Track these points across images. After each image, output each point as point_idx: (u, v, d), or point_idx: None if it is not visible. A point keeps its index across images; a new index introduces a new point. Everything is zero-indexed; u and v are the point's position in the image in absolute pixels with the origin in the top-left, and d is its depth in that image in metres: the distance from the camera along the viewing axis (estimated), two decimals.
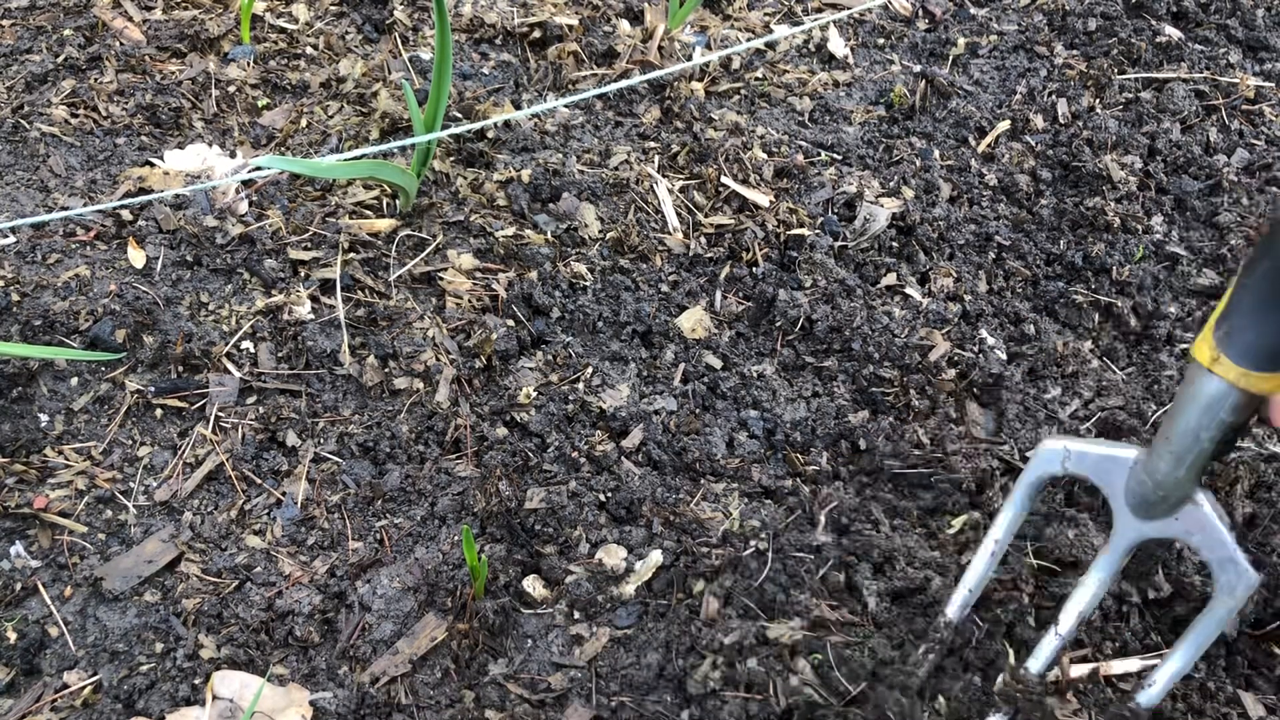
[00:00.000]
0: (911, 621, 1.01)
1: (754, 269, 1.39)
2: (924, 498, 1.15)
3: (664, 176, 1.49)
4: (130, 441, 1.15)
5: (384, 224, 1.37)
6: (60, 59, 1.56)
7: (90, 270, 1.28)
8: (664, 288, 1.35)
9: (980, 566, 0.94)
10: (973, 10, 1.93)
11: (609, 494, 1.11)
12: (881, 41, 1.86)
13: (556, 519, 1.09)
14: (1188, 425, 0.75)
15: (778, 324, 1.31)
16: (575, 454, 1.14)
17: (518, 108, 1.58)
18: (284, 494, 1.13)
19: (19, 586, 1.03)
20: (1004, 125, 1.67)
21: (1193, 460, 0.77)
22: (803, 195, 1.51)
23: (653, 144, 1.55)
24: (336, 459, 1.16)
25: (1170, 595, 1.03)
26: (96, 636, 1.00)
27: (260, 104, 1.58)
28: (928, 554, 1.07)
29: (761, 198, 1.47)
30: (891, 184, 1.53)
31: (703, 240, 1.42)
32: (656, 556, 1.06)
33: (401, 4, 1.75)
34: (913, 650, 0.96)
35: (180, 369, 1.21)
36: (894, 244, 1.44)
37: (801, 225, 1.45)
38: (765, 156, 1.55)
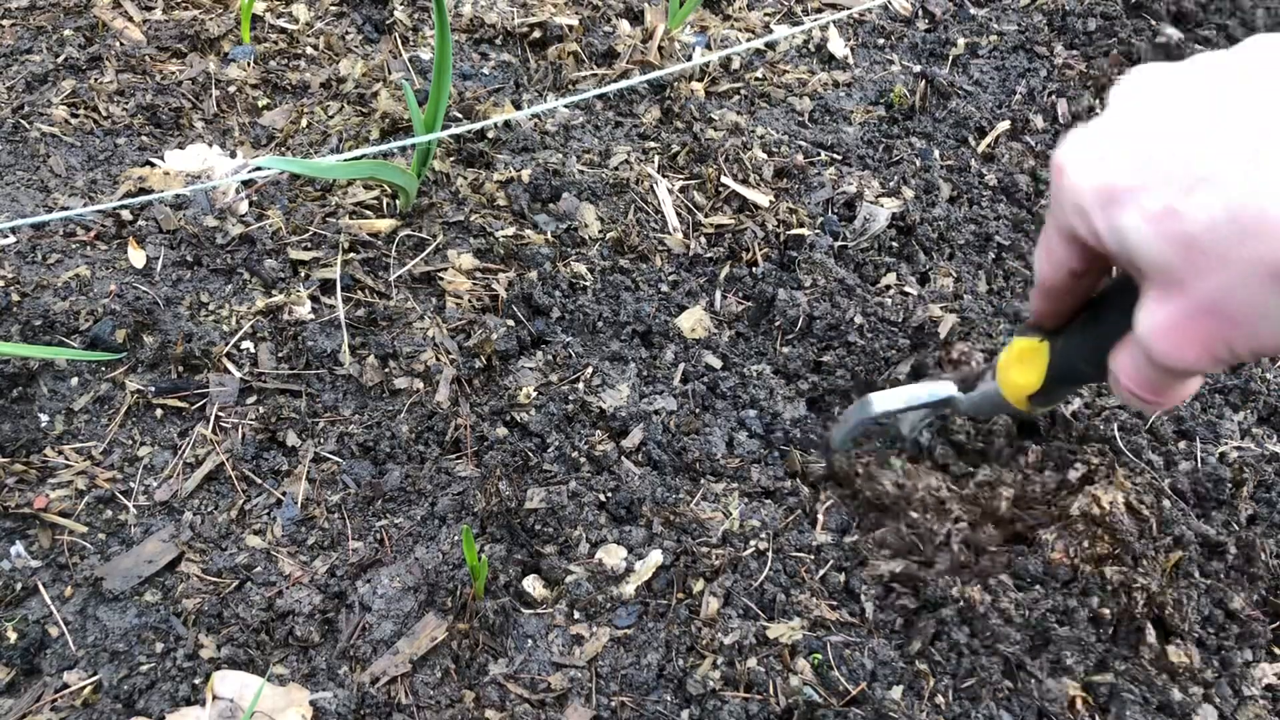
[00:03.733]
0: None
1: (754, 269, 1.39)
2: None
3: (664, 176, 1.49)
4: (130, 441, 1.15)
5: (384, 224, 1.37)
6: (60, 59, 1.56)
7: (90, 270, 1.28)
8: (664, 288, 1.35)
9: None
10: (973, 10, 1.93)
11: (609, 494, 1.11)
12: (881, 41, 1.86)
13: (556, 519, 1.09)
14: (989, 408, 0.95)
15: (777, 324, 1.31)
16: (575, 454, 1.14)
17: (518, 108, 1.58)
18: (284, 494, 1.13)
19: (19, 586, 1.03)
20: (1004, 125, 1.67)
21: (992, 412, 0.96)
22: (803, 195, 1.51)
23: (653, 144, 1.55)
24: (336, 459, 1.16)
25: None
26: (96, 636, 1.00)
27: (260, 104, 1.58)
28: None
29: (761, 198, 1.47)
30: (891, 184, 1.53)
31: (703, 240, 1.42)
32: (656, 556, 1.06)
33: (401, 4, 1.76)
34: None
35: (180, 369, 1.21)
36: (894, 244, 1.44)
37: (801, 225, 1.45)
38: (765, 156, 1.55)
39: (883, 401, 1.04)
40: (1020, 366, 0.87)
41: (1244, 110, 0.54)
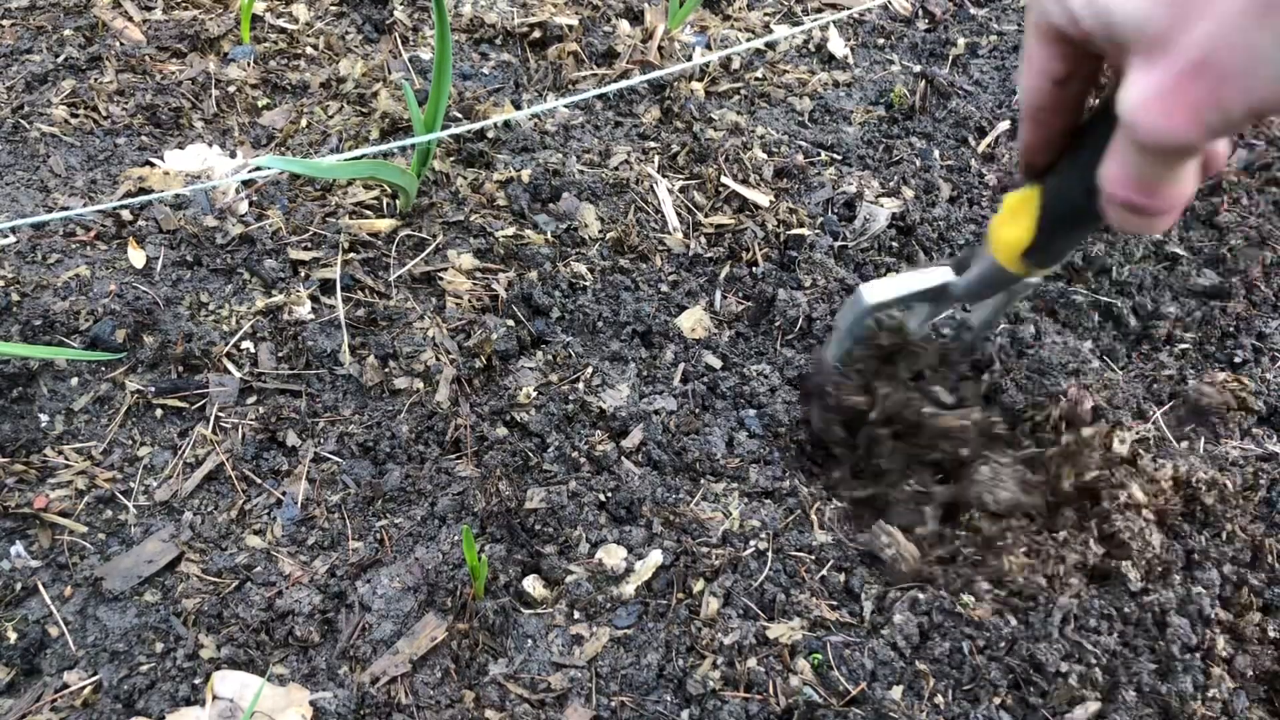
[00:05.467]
0: None
1: (754, 269, 1.39)
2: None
3: (664, 176, 1.49)
4: (130, 441, 1.15)
5: (384, 224, 1.37)
6: (60, 59, 1.56)
7: (90, 270, 1.28)
8: (664, 288, 1.35)
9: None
10: (973, 10, 1.93)
11: (609, 494, 1.11)
12: (881, 41, 1.86)
13: (556, 519, 1.09)
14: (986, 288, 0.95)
15: (777, 324, 1.31)
16: (575, 454, 1.14)
17: (518, 108, 1.58)
18: (284, 494, 1.13)
19: (19, 586, 1.03)
20: (1004, 125, 1.67)
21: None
22: (803, 195, 1.51)
23: (653, 144, 1.55)
24: (336, 459, 1.16)
25: None
26: (96, 636, 1.00)
27: (260, 104, 1.58)
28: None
29: (761, 198, 1.47)
30: (891, 184, 1.53)
31: (703, 240, 1.42)
32: (656, 556, 1.06)
33: (401, 4, 1.76)
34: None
35: (180, 369, 1.21)
36: (894, 244, 1.45)
37: (801, 225, 1.45)
38: (765, 156, 1.55)
39: (875, 291, 1.00)
40: (1012, 221, 0.83)
41: None
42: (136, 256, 1.30)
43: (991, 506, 1.09)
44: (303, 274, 1.31)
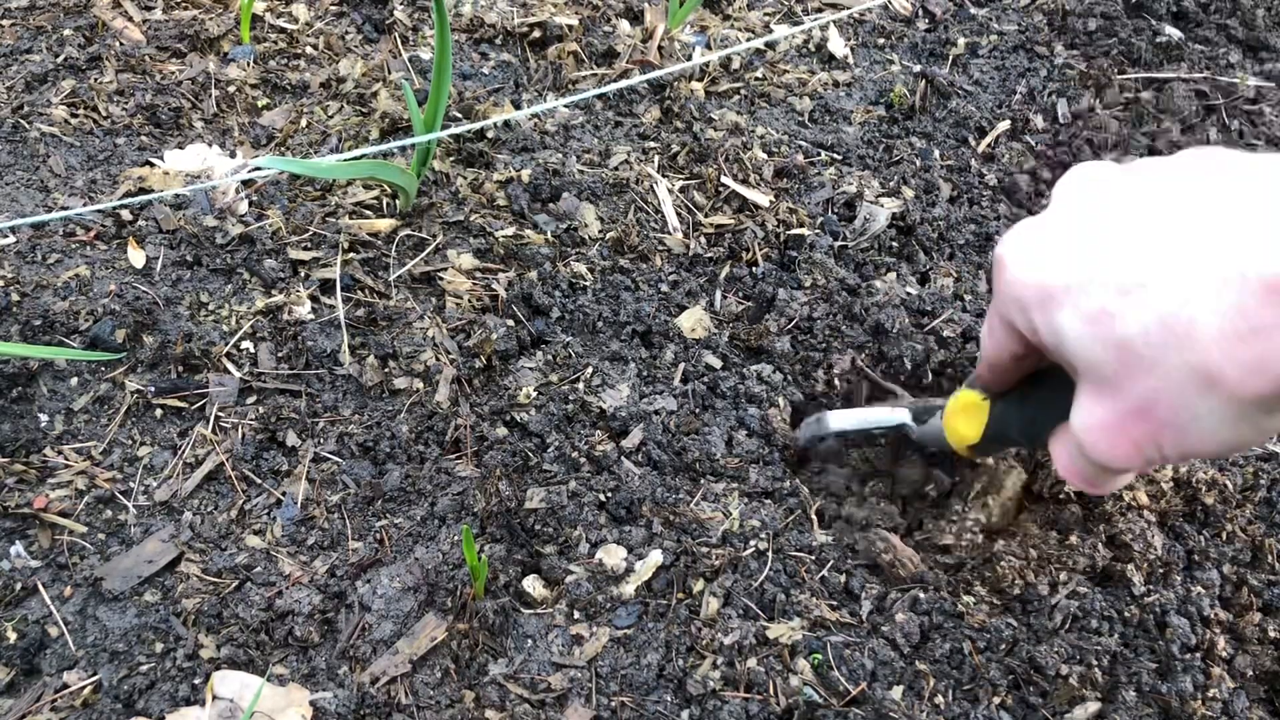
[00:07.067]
0: None
1: (754, 269, 1.39)
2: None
3: (664, 176, 1.49)
4: (130, 441, 1.15)
5: (384, 224, 1.37)
6: (60, 59, 1.56)
7: (90, 270, 1.28)
8: (664, 287, 1.35)
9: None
10: (973, 10, 1.93)
11: (609, 494, 1.11)
12: (881, 41, 1.86)
13: (556, 519, 1.09)
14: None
15: (777, 323, 1.31)
16: (575, 454, 1.14)
17: (518, 108, 1.58)
18: (284, 494, 1.13)
19: (19, 586, 1.03)
20: (1004, 125, 1.67)
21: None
22: (803, 195, 1.51)
23: (653, 144, 1.55)
24: (336, 459, 1.16)
25: None
26: (96, 636, 1.00)
27: (260, 104, 1.58)
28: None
29: (761, 198, 1.47)
30: (891, 184, 1.53)
31: (703, 240, 1.42)
32: (656, 556, 1.06)
33: (401, 4, 1.76)
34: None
35: (180, 369, 1.21)
36: (894, 244, 1.45)
37: (801, 225, 1.45)
38: (765, 156, 1.55)
39: (838, 420, 1.09)
40: (964, 418, 0.92)
41: (1178, 220, 0.56)
42: (136, 256, 1.30)
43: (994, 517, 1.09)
44: (303, 274, 1.31)
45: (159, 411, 1.18)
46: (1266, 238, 0.51)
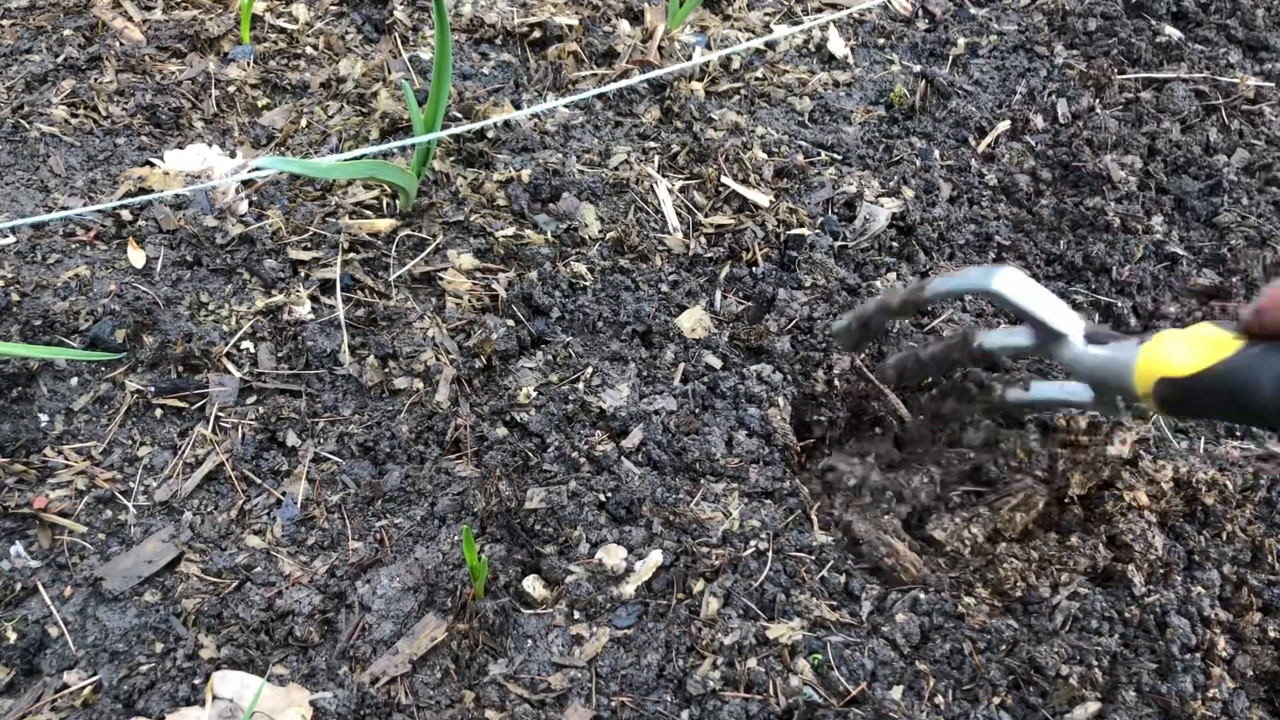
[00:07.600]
0: None
1: (754, 269, 1.39)
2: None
3: (664, 176, 1.49)
4: (130, 441, 1.15)
5: (384, 224, 1.37)
6: (60, 59, 1.55)
7: (90, 270, 1.28)
8: (664, 288, 1.35)
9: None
10: (973, 10, 1.93)
11: (609, 494, 1.11)
12: (881, 41, 1.86)
13: (556, 519, 1.09)
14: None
15: (777, 323, 1.31)
16: (575, 454, 1.14)
17: (518, 108, 1.58)
18: (284, 494, 1.13)
19: (19, 586, 1.03)
20: (1004, 125, 1.67)
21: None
22: (803, 195, 1.51)
23: (653, 144, 1.55)
24: (336, 459, 1.16)
25: None
26: (96, 636, 1.00)
27: (260, 104, 1.58)
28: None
29: (761, 198, 1.47)
30: (891, 184, 1.53)
31: (703, 240, 1.42)
32: (656, 556, 1.06)
33: (401, 4, 1.75)
34: None
35: (180, 369, 1.21)
36: (894, 244, 1.45)
37: (801, 225, 1.44)
38: (765, 156, 1.55)
39: (1009, 282, 0.92)
40: (1187, 345, 0.73)
41: None
42: (136, 256, 1.30)
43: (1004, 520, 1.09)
44: (303, 274, 1.31)
45: (159, 411, 1.18)
46: None
